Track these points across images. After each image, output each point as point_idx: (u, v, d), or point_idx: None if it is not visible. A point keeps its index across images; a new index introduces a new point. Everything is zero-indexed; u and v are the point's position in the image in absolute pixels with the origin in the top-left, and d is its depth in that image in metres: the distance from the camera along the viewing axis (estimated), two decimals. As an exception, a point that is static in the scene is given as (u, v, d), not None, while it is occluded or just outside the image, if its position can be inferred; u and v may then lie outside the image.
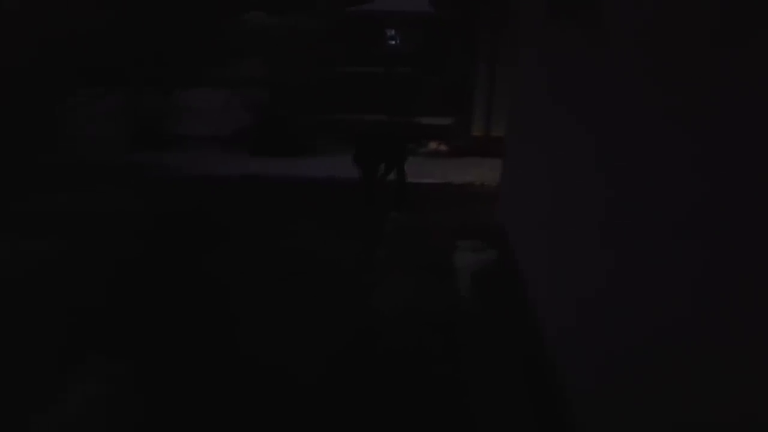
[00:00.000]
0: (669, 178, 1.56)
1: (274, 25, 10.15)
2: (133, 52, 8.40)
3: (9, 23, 7.54)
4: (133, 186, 6.34)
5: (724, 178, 1.29)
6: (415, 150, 8.52)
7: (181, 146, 8.19)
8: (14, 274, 4.01)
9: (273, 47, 9.58)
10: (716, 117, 1.34)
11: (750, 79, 1.21)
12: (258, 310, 3.60)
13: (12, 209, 5.38)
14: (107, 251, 4.51)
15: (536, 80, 3.70)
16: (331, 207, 5.87)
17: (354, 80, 10.02)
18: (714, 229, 1.32)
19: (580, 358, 2.24)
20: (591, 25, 2.38)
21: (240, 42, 9.79)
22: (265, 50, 9.60)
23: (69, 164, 7.00)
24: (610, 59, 2.12)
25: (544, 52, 3.50)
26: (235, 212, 5.68)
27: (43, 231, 4.83)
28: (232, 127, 8.57)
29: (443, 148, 8.76)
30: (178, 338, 3.25)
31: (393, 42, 13.45)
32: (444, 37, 10.86)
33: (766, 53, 1.15)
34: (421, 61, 11.33)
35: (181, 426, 2.53)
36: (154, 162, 7.31)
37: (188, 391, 2.77)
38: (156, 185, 6.47)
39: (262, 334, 3.32)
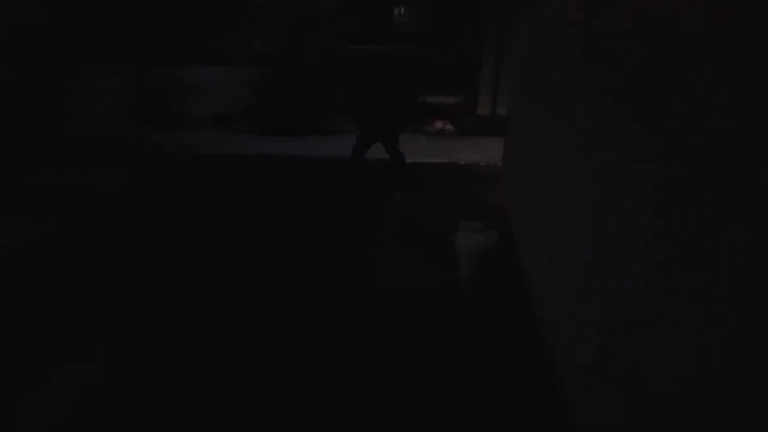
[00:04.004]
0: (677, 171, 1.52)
1: (282, 2, 10.03)
2: (139, 28, 8.34)
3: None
4: (135, 164, 6.34)
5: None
6: (422, 129, 8.46)
7: (186, 125, 8.16)
8: (11, 252, 4.01)
9: (281, 24, 9.48)
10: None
11: None
12: (253, 295, 3.56)
13: (15, 185, 5.40)
14: (109, 230, 4.54)
15: (541, 58, 3.62)
16: (335, 187, 5.86)
17: (362, 58, 9.89)
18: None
19: (570, 337, 2.24)
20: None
21: (247, 19, 9.70)
22: (272, 27, 9.50)
23: (71, 140, 7.02)
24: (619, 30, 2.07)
25: (548, 26, 3.43)
26: (236, 192, 5.69)
27: (45, 208, 4.84)
28: (239, 106, 8.52)
29: (449, 127, 8.68)
30: (174, 322, 3.29)
31: (401, 19, 13.25)
32: (452, 15, 10.69)
33: None
34: (429, 39, 11.17)
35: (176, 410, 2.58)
36: (157, 140, 7.30)
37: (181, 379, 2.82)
38: (158, 163, 6.48)
39: (257, 323, 3.34)
